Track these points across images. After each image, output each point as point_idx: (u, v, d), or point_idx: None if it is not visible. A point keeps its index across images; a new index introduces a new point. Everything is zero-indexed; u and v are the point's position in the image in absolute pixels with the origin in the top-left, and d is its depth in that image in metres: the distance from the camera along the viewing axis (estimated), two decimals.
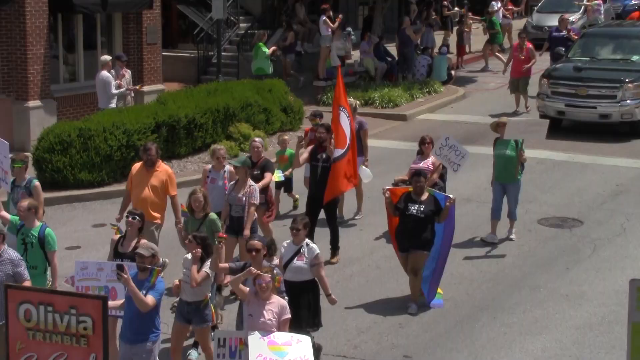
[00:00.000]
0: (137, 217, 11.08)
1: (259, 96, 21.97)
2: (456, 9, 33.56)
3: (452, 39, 31.89)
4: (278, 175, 15.82)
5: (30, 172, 18.25)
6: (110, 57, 20.52)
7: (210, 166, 13.95)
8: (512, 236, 15.28)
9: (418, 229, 12.44)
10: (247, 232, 12.71)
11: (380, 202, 17.25)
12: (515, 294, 13.25)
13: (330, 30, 26.12)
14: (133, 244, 10.93)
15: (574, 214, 16.65)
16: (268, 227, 14.16)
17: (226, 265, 10.43)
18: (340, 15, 27.16)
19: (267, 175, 14.10)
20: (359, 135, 15.50)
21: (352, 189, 15.56)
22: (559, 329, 12.09)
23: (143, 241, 10.64)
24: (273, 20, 29.57)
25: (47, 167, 17.95)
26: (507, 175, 14.97)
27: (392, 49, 29.44)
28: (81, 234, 15.90)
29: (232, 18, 28.96)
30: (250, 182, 13.10)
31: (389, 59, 28.58)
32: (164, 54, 24.90)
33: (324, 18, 26.21)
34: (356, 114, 15.88)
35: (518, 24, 34.17)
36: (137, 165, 13.46)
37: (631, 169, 19.50)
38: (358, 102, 17.27)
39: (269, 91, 22.54)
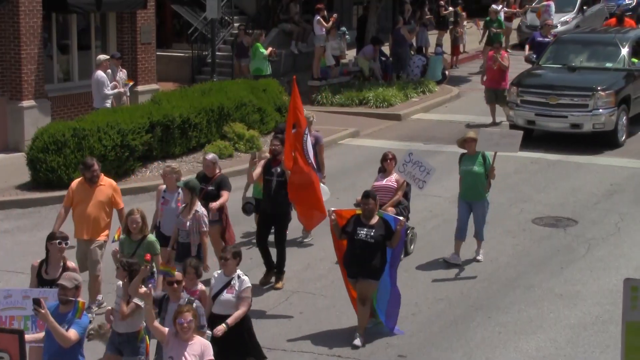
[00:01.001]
0: (66, 242, 10.43)
1: (253, 96, 21.97)
2: (450, 8, 33.55)
3: (446, 39, 31.89)
4: (259, 190, 14.48)
5: (24, 172, 18.30)
6: (107, 57, 20.51)
7: (164, 186, 12.99)
8: (480, 257, 14.26)
9: (367, 255, 11.48)
10: (206, 264, 12.08)
11: None
12: (510, 294, 13.26)
13: (324, 29, 26.12)
14: (60, 270, 10.19)
15: (568, 213, 16.67)
16: (220, 246, 13.04)
17: (149, 291, 9.43)
18: (334, 15, 27.16)
19: (224, 194, 13.28)
20: (315, 150, 14.42)
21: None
22: (554, 329, 12.10)
23: (66, 273, 9.58)
24: (267, 20, 29.56)
25: (41, 167, 17.93)
26: (474, 193, 14.00)
27: (385, 48, 29.43)
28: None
29: (226, 18, 28.95)
30: (197, 206, 12.14)
31: (383, 58, 28.59)
32: (158, 53, 24.89)
33: (318, 17, 26.21)
34: (311, 127, 14.85)
35: (512, 24, 34.14)
36: (77, 182, 12.72)
37: (625, 168, 19.54)
38: (314, 114, 16.19)
39: (264, 91, 22.54)
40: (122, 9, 22.77)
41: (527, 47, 25.56)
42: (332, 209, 12.08)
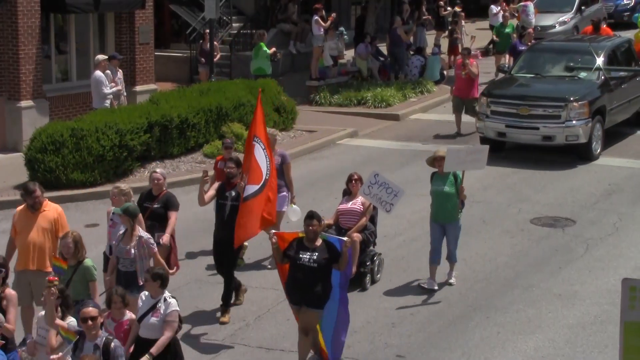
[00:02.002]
0: (3, 269, 9.98)
1: (251, 96, 21.95)
2: (449, 8, 33.55)
3: (444, 39, 31.88)
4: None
5: (23, 172, 18.29)
6: (105, 57, 20.51)
7: (113, 208, 12.07)
8: (452, 280, 13.49)
9: (310, 280, 10.69)
10: (174, 269, 11.54)
11: None
12: (508, 294, 13.26)
13: (322, 29, 26.12)
14: None
15: (566, 213, 16.67)
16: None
17: (64, 323, 8.93)
18: (332, 15, 27.16)
19: (172, 215, 12.46)
20: (282, 169, 14.03)
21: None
22: (552, 329, 12.10)
23: None
24: (266, 20, 29.56)
25: (39, 167, 17.92)
26: (446, 214, 13.22)
27: (384, 48, 29.44)
28: None
29: (224, 18, 28.96)
30: (139, 232, 11.25)
31: (382, 58, 28.61)
32: (156, 53, 24.89)
33: (316, 17, 26.21)
34: (276, 145, 14.38)
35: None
36: (19, 209, 11.79)
37: (623, 168, 19.54)
38: (278, 132, 15.11)
39: (262, 91, 22.48)
40: (120, 9, 22.77)
41: (507, 56, 24.65)
42: (273, 231, 11.21)
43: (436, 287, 13.28)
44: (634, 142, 21.63)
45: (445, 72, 28.85)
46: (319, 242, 10.87)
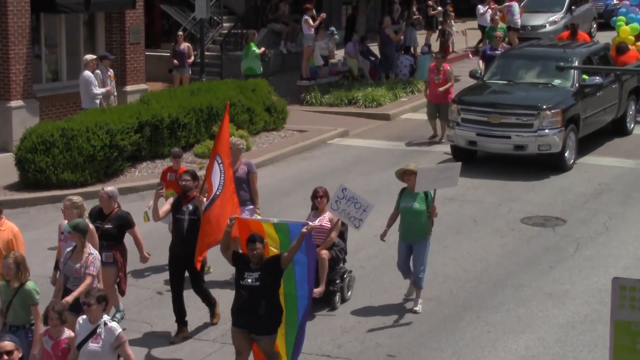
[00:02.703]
0: None
1: (242, 96, 21.96)
2: (439, 8, 33.58)
3: (434, 39, 31.92)
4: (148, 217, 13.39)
5: (13, 173, 18.25)
6: (94, 57, 20.47)
7: (65, 221, 11.49)
8: (418, 308, 12.60)
9: (256, 302, 10.10)
10: (70, 298, 10.41)
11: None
12: (499, 293, 13.28)
13: (312, 29, 26.12)
14: None
15: (557, 212, 16.71)
16: (115, 294, 12.08)
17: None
18: (322, 14, 27.16)
19: (135, 232, 11.96)
20: (248, 179, 13.59)
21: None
22: (542, 328, 12.13)
23: None
24: (256, 20, 29.55)
25: (29, 167, 17.89)
26: (415, 232, 12.54)
27: (375, 48, 29.46)
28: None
29: (215, 17, 28.93)
30: (90, 249, 10.76)
31: (372, 58, 28.62)
32: (147, 53, 24.85)
33: (306, 17, 26.22)
34: (241, 155, 13.85)
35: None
36: None
37: (613, 167, 19.58)
38: (243, 141, 14.80)
39: (253, 91, 22.52)
40: (110, 9, 22.73)
41: (479, 61, 24.11)
42: (235, 215, 10.81)
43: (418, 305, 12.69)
44: (624, 142, 21.65)
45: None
46: (263, 261, 10.29)
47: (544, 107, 18.78)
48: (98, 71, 20.21)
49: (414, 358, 11.43)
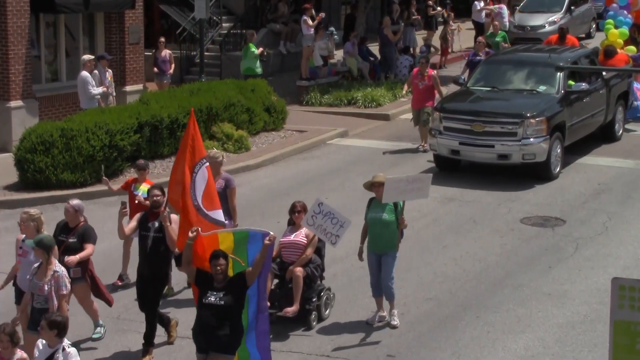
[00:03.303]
0: None
1: (241, 96, 21.96)
2: (439, 8, 33.59)
3: (436, 39, 31.92)
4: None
5: (12, 173, 18.26)
6: (91, 57, 20.48)
7: (22, 235, 11.09)
8: (395, 322, 12.19)
9: (219, 322, 9.71)
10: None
11: (363, 201, 17.33)
12: (498, 293, 13.28)
13: (311, 29, 26.12)
14: None
15: (556, 212, 16.71)
16: (92, 308, 11.78)
17: None
18: (320, 14, 27.17)
19: (88, 247, 11.40)
20: (225, 195, 12.82)
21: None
22: (542, 328, 12.13)
23: None
24: (256, 20, 29.56)
25: (29, 167, 17.89)
26: (384, 244, 12.08)
27: (374, 48, 29.47)
28: None
29: (214, 18, 28.94)
30: (55, 266, 10.34)
31: (372, 58, 28.64)
32: (146, 53, 24.86)
33: (305, 17, 26.23)
34: (221, 169, 13.25)
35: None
36: None
37: (612, 167, 19.58)
38: (222, 153, 14.22)
39: (252, 91, 22.53)
40: (110, 9, 22.74)
41: (464, 68, 23.58)
42: (195, 227, 10.11)
43: (384, 322, 12.26)
44: (623, 142, 21.66)
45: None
46: (227, 279, 9.87)
47: (528, 115, 18.15)
48: (96, 71, 20.21)
49: (413, 358, 11.43)
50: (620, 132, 21.82)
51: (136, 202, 13.23)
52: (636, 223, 16.09)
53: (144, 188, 13.26)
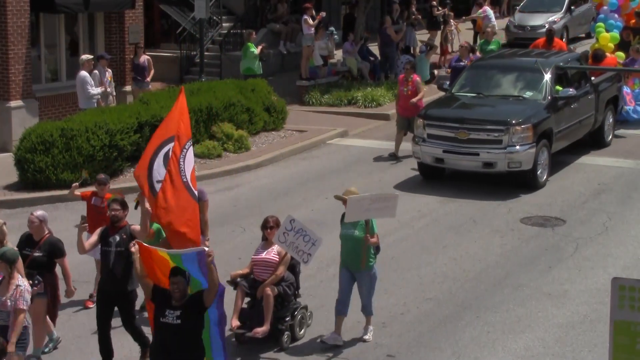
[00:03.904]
0: None
1: (242, 96, 21.97)
2: (440, 8, 33.60)
3: (437, 39, 31.93)
4: None
5: (12, 173, 18.26)
6: (90, 56, 20.49)
7: None
8: (367, 337, 11.82)
9: (177, 342, 9.33)
10: (11, 347, 9.56)
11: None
12: (498, 293, 13.28)
13: (311, 29, 26.12)
14: None
15: (556, 212, 16.71)
16: (46, 323, 11.39)
17: None
18: (321, 14, 27.17)
19: (64, 263, 11.17)
20: (201, 207, 11.85)
21: None
22: (542, 328, 12.14)
23: None
24: (256, 20, 29.57)
25: (29, 167, 17.89)
26: (356, 261, 11.60)
27: (374, 48, 29.47)
28: (63, 234, 15.74)
29: (214, 17, 28.95)
30: (18, 280, 9.92)
31: (372, 58, 28.64)
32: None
33: (305, 17, 26.23)
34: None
35: (500, 24, 34.19)
36: None
37: (612, 167, 19.58)
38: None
39: (252, 91, 22.54)
40: (110, 9, 22.75)
41: (447, 71, 22.87)
42: (136, 243, 9.84)
43: (341, 343, 11.65)
44: (623, 142, 21.65)
45: (435, 72, 28.87)
46: (186, 297, 9.46)
47: (514, 122, 17.58)
48: (96, 71, 20.22)
49: (413, 358, 11.43)
50: (610, 137, 21.29)
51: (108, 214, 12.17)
52: (636, 223, 16.09)
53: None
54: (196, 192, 10.60)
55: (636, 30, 24.91)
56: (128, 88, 23.16)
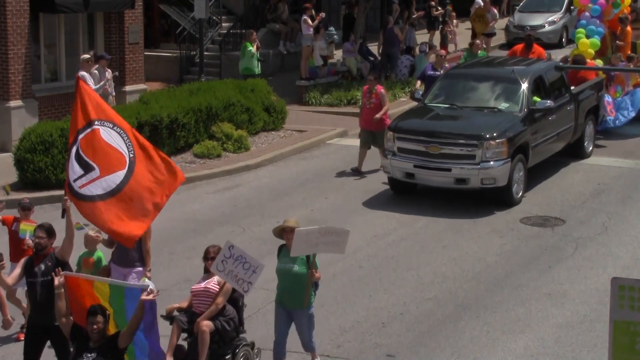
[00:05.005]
0: None
1: (241, 96, 21.97)
2: (439, 8, 33.61)
3: (437, 39, 31.94)
4: None
5: (12, 173, 18.25)
6: (88, 56, 20.48)
7: None
8: None
9: None
10: None
11: (361, 201, 17.33)
12: (498, 293, 13.28)
13: (311, 29, 26.12)
14: None
15: (556, 212, 16.71)
16: None
17: None
18: (321, 14, 27.17)
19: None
20: (142, 236, 11.22)
21: None
22: (541, 328, 12.14)
23: None
24: (255, 20, 29.57)
25: (28, 167, 17.88)
26: (294, 299, 10.69)
27: (374, 48, 29.47)
28: (63, 234, 15.80)
29: (214, 17, 28.95)
30: None
31: (372, 58, 28.64)
32: (146, 53, 24.87)
33: (305, 17, 26.24)
34: None
35: (500, 24, 34.18)
36: None
37: (612, 167, 19.58)
38: None
39: (252, 91, 22.54)
40: (109, 9, 22.74)
41: (418, 82, 21.75)
42: (62, 272, 9.33)
43: None
44: (623, 142, 21.64)
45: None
46: (104, 338, 8.87)
47: (487, 136, 16.65)
48: (96, 71, 20.21)
49: (413, 358, 11.43)
50: (591, 148, 20.32)
51: (25, 246, 11.82)
52: (636, 223, 16.09)
53: (29, 228, 11.81)
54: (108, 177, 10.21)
55: (617, 37, 24.13)
56: (128, 88, 23.14)
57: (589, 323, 12.21)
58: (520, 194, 17.31)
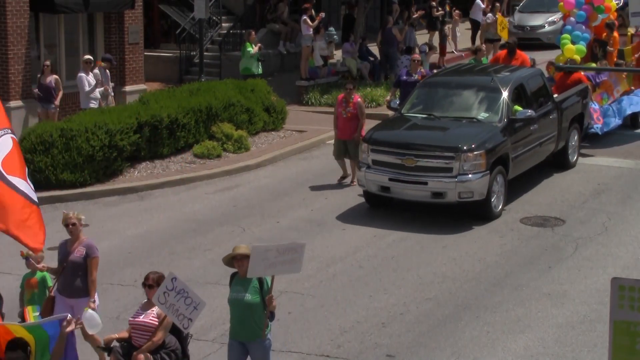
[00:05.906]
0: None
1: (241, 96, 21.98)
2: (439, 9, 33.62)
3: (436, 39, 31.96)
4: (34, 315, 10.53)
5: None
6: (88, 57, 20.51)
7: None
8: None
9: None
10: None
11: (361, 200, 17.32)
12: (498, 293, 13.28)
13: (311, 29, 26.14)
14: None
15: (556, 212, 16.71)
16: None
17: None
18: (321, 14, 27.18)
19: None
20: (85, 265, 10.97)
21: None
22: (541, 328, 12.14)
23: None
24: (255, 20, 29.59)
25: (28, 167, 17.75)
26: (248, 330, 9.90)
27: (374, 48, 29.48)
28: (63, 234, 15.76)
29: (214, 18, 28.96)
30: None
31: (372, 58, 28.65)
32: (146, 53, 24.90)
33: (305, 17, 26.25)
34: (81, 233, 11.49)
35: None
36: None
37: (612, 167, 19.58)
38: (79, 214, 12.09)
39: (252, 91, 22.54)
40: (109, 9, 22.76)
41: (392, 89, 21.43)
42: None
43: None
44: (623, 142, 21.64)
45: (434, 72, 28.85)
46: None
47: (465, 147, 15.94)
48: (97, 71, 20.23)
49: (413, 358, 11.43)
50: (575, 158, 19.62)
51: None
52: (636, 223, 16.09)
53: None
54: (17, 184, 9.84)
55: (603, 43, 23.57)
56: (127, 88, 23.16)
57: (589, 323, 12.21)
58: (500, 207, 16.59)
